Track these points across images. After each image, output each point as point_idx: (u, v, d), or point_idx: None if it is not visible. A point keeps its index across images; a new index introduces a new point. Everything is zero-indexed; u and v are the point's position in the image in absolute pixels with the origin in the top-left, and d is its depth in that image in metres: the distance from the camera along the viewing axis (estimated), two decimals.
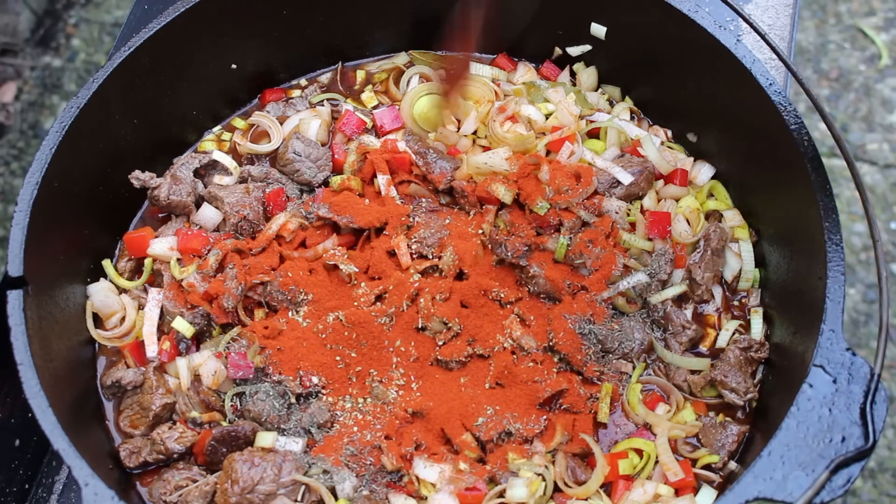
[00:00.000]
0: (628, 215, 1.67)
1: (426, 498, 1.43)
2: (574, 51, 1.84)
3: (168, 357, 1.57)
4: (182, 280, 1.61)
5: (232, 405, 1.53)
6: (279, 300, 1.59)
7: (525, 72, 1.88)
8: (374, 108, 1.87)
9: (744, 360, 1.53)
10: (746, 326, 1.62)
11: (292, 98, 1.89)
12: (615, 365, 1.56)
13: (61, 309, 1.53)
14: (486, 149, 1.74)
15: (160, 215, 1.75)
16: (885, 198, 3.26)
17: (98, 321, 1.63)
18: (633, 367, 1.57)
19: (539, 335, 1.55)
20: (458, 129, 1.77)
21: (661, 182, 1.74)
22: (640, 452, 1.49)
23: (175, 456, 1.48)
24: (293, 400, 1.52)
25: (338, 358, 1.54)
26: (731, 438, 1.48)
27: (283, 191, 1.71)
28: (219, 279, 1.59)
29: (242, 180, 1.75)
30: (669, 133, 1.82)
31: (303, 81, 1.93)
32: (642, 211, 1.69)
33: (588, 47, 1.82)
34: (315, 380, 1.52)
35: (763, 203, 1.65)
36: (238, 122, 1.87)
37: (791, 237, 1.55)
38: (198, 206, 1.72)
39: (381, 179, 1.70)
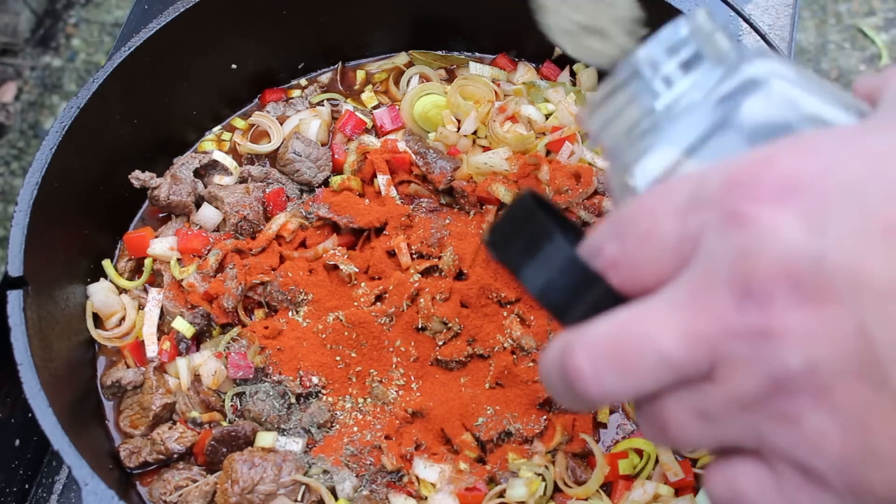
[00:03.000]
0: None
1: (426, 498, 1.43)
2: None
3: (168, 357, 1.57)
4: (182, 280, 1.61)
5: (232, 405, 1.53)
6: (279, 300, 1.59)
7: (525, 72, 1.88)
8: (374, 108, 1.87)
9: None
10: None
11: (292, 98, 1.89)
12: None
13: (61, 309, 1.53)
14: (486, 149, 1.75)
15: (160, 215, 1.75)
16: None
17: (98, 321, 1.63)
18: None
19: (539, 335, 1.55)
20: (458, 129, 1.77)
21: None
22: (640, 452, 1.49)
23: (175, 456, 1.48)
24: (293, 400, 1.52)
25: (338, 358, 1.54)
26: None
27: (283, 191, 1.71)
28: (219, 279, 1.59)
29: (242, 180, 1.75)
30: None
31: (303, 81, 1.93)
32: None
33: None
34: (315, 380, 1.52)
35: None
36: (238, 122, 1.87)
37: None
38: (198, 206, 1.72)
39: (381, 179, 1.70)
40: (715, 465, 0.59)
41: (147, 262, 1.67)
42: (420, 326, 1.56)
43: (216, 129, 1.87)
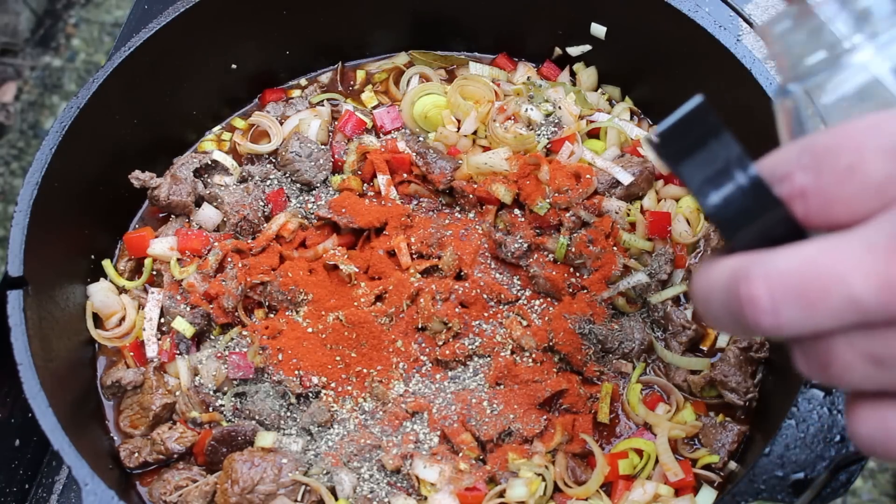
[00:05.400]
0: (628, 215, 1.67)
1: (426, 498, 1.43)
2: (574, 51, 1.84)
3: (168, 357, 1.57)
4: (182, 280, 1.61)
5: (232, 405, 1.53)
6: (279, 300, 1.59)
7: (525, 72, 1.88)
8: (374, 108, 1.87)
9: (744, 360, 1.53)
10: None
11: (292, 98, 1.89)
12: (615, 365, 1.56)
13: (61, 309, 1.53)
14: (486, 149, 1.74)
15: (160, 215, 1.75)
16: None
17: (98, 321, 1.63)
18: (633, 367, 1.57)
19: (539, 335, 1.55)
20: (458, 129, 1.77)
21: (661, 182, 1.74)
22: (640, 452, 1.49)
23: (175, 456, 1.49)
24: (293, 400, 1.52)
25: (338, 358, 1.54)
26: (731, 438, 1.48)
27: (283, 191, 1.71)
28: (219, 279, 1.59)
29: (242, 180, 1.75)
30: None
31: (303, 81, 1.93)
32: (642, 211, 1.69)
33: (588, 47, 1.82)
34: (315, 380, 1.52)
35: None
36: (238, 122, 1.87)
37: None
38: (198, 206, 1.72)
39: (381, 179, 1.70)
40: (867, 406, 0.58)
41: (147, 262, 1.67)
42: (420, 326, 1.56)
43: (216, 129, 1.87)
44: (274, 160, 1.78)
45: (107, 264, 1.68)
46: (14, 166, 3.44)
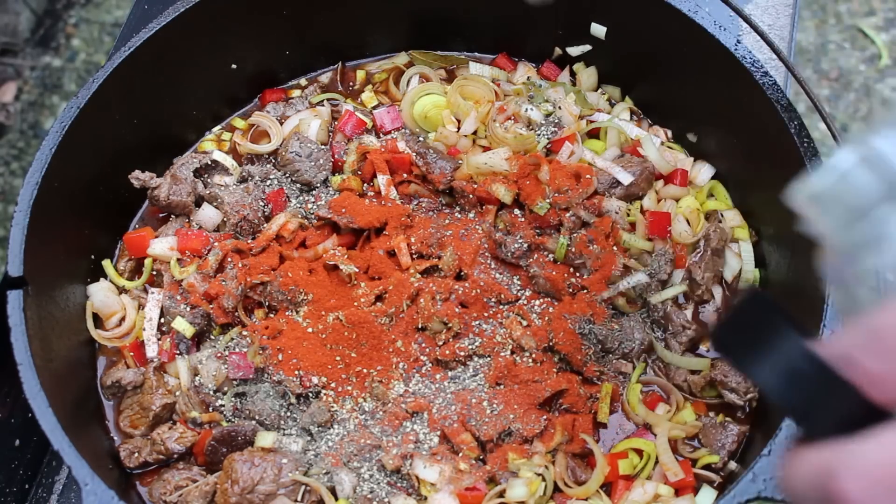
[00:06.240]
0: (628, 215, 1.66)
1: (426, 498, 1.43)
2: (574, 51, 1.84)
3: (168, 357, 1.57)
4: (182, 280, 1.61)
5: (232, 405, 1.53)
6: (279, 300, 1.59)
7: (525, 72, 1.88)
8: (374, 108, 1.87)
9: None
10: None
11: (292, 98, 1.88)
12: (615, 365, 1.56)
13: (61, 309, 1.53)
14: (486, 149, 1.74)
15: (160, 215, 1.75)
16: None
17: (98, 321, 1.63)
18: (633, 367, 1.57)
19: (539, 335, 1.54)
20: (458, 129, 1.77)
21: (661, 182, 1.74)
22: (640, 452, 1.49)
23: (175, 456, 1.48)
24: (293, 400, 1.52)
25: (338, 358, 1.54)
26: (731, 438, 1.48)
27: (283, 191, 1.71)
28: (219, 279, 1.59)
29: (243, 180, 1.75)
30: (669, 133, 1.82)
31: (303, 81, 1.93)
32: (642, 211, 1.69)
33: (588, 47, 1.82)
34: (315, 380, 1.51)
35: (763, 203, 1.65)
36: (238, 122, 1.87)
37: (791, 237, 1.55)
38: (198, 206, 1.72)
39: (381, 179, 1.70)
40: None
41: (147, 262, 1.67)
42: (420, 326, 1.56)
43: (216, 129, 1.87)
44: (274, 160, 1.78)
45: (107, 264, 1.68)
46: (14, 166, 3.44)
